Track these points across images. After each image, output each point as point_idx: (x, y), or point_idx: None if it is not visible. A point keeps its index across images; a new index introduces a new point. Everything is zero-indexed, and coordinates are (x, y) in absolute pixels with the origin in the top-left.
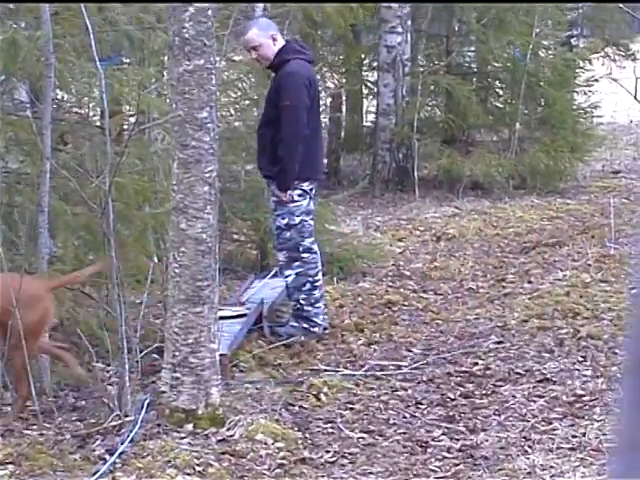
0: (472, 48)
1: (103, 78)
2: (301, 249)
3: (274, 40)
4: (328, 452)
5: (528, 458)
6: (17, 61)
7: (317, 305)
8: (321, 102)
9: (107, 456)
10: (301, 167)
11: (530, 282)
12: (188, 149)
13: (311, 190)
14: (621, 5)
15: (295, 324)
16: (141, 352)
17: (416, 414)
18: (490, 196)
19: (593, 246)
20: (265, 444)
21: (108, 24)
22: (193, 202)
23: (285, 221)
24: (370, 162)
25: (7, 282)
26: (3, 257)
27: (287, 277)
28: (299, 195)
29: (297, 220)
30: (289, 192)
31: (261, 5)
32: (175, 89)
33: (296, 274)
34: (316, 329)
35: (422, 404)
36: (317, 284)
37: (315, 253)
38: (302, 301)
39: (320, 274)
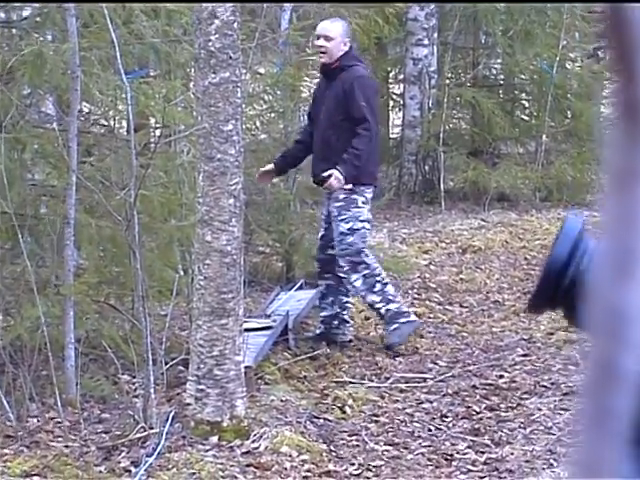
0: (498, 60)
1: (129, 91)
2: (362, 254)
3: (344, 44)
4: (353, 465)
5: (554, 471)
6: (43, 74)
7: (397, 299)
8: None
9: (132, 468)
10: (365, 174)
11: None
12: (213, 162)
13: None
14: None
15: (394, 326)
16: (166, 364)
17: (441, 427)
18: (516, 208)
19: None
20: (290, 456)
21: (134, 37)
22: (218, 214)
23: (349, 225)
24: (396, 174)
25: None
26: (30, 269)
27: (355, 282)
28: (363, 202)
29: (359, 225)
30: (356, 197)
31: (287, 18)
32: (201, 102)
33: (363, 277)
34: (412, 317)
35: (447, 417)
36: (386, 281)
37: (372, 258)
38: (379, 304)
39: (384, 273)
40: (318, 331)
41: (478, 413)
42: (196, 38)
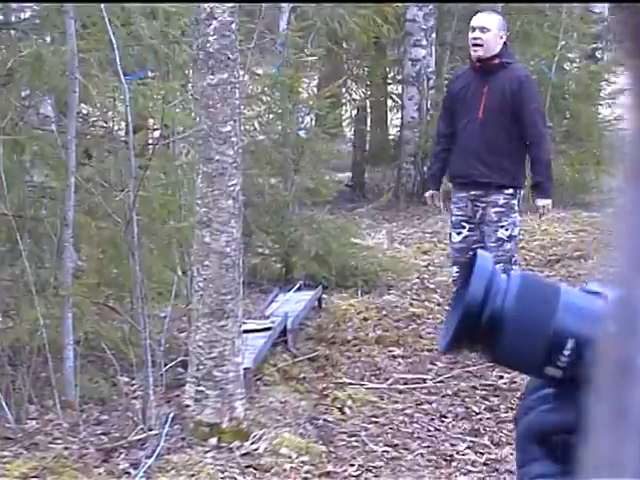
0: None
1: (127, 92)
2: (514, 261)
3: (501, 37)
4: (352, 466)
5: None
6: (42, 75)
7: None
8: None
9: (131, 470)
10: (522, 177)
11: None
12: (212, 163)
13: None
14: None
15: None
16: (165, 366)
17: (441, 427)
18: None
19: None
20: (289, 458)
21: (133, 38)
22: (217, 216)
23: (508, 232)
24: (395, 175)
25: None
26: (29, 271)
27: None
28: (517, 206)
29: (516, 232)
30: (514, 202)
31: (285, 19)
32: (199, 103)
33: None
34: None
35: (447, 417)
36: None
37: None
38: None
39: None
40: None
41: (478, 414)
42: (194, 39)
